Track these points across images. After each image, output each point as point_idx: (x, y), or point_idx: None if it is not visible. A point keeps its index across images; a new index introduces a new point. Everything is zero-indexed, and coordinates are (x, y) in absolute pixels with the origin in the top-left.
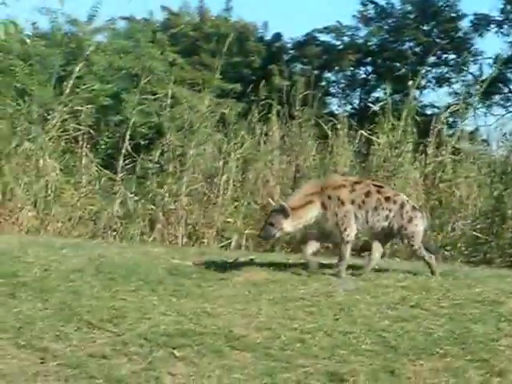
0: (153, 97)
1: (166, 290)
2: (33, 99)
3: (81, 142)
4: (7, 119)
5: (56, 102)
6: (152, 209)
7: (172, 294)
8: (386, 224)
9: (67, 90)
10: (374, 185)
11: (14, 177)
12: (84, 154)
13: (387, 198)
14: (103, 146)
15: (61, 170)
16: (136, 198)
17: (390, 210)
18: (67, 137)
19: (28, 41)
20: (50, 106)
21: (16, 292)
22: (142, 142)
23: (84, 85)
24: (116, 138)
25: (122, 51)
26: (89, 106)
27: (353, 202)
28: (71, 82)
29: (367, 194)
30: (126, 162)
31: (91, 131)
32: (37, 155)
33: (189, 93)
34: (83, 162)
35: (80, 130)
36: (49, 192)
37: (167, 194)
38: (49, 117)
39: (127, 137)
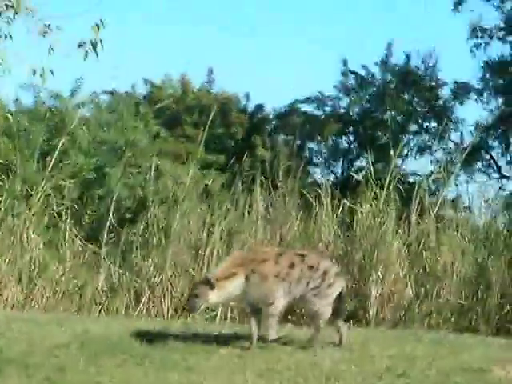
0: (137, 170)
1: (152, 363)
2: (16, 175)
3: (64, 217)
4: None
5: (40, 177)
6: (137, 281)
7: (158, 367)
8: (305, 292)
9: (51, 165)
10: (298, 254)
11: None
12: (68, 228)
13: (310, 267)
14: (87, 220)
15: (44, 244)
16: (121, 270)
17: (312, 278)
18: (51, 211)
19: (10, 117)
20: (33, 181)
21: (1, 368)
22: (127, 216)
23: (68, 159)
24: (100, 212)
25: (106, 125)
26: (72, 181)
27: (277, 275)
28: (55, 156)
29: (291, 266)
30: (111, 235)
31: (75, 205)
32: (21, 230)
33: (172, 165)
34: (67, 236)
35: (64, 204)
36: (33, 267)
37: (152, 267)
38: (32, 192)
39: (111, 210)
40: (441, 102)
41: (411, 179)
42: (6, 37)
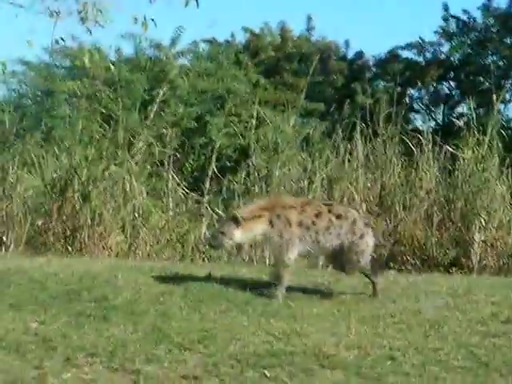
0: (237, 119)
1: (254, 310)
2: (118, 124)
3: (167, 166)
4: (94, 144)
5: (141, 127)
6: None
7: (261, 314)
8: (338, 242)
9: (152, 114)
10: (325, 204)
11: (102, 201)
12: (170, 177)
13: (338, 216)
14: (189, 169)
15: (147, 193)
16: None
17: (341, 227)
18: (153, 160)
19: (112, 67)
20: (135, 130)
21: (107, 315)
22: (228, 164)
23: (168, 108)
24: (201, 161)
25: (205, 74)
26: (174, 130)
27: (301, 224)
28: (155, 106)
29: (317, 215)
30: (212, 184)
31: (177, 154)
32: (124, 179)
33: (273, 113)
34: (169, 185)
35: (165, 153)
36: (136, 215)
37: None
38: (134, 141)
39: (213, 159)
40: None
41: None
42: None
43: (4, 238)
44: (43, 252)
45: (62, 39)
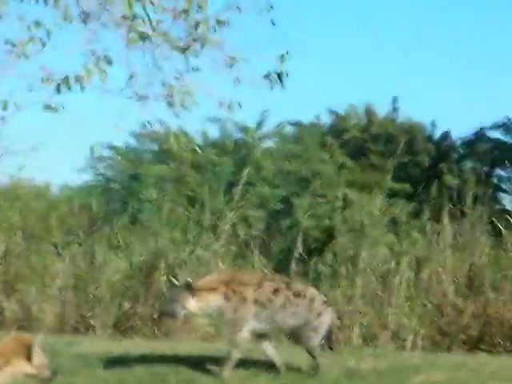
0: (323, 200)
1: None
2: (204, 207)
3: (252, 247)
4: (180, 227)
5: (226, 209)
6: None
7: None
8: (294, 321)
9: (237, 196)
10: (283, 281)
11: None
12: (256, 258)
13: (297, 294)
14: (275, 251)
15: None
16: None
17: (298, 306)
18: (238, 242)
19: (198, 150)
20: (220, 212)
21: None
22: (314, 245)
23: (253, 190)
24: (287, 242)
25: (291, 155)
26: (259, 211)
27: (256, 302)
28: (240, 187)
29: (275, 292)
30: (298, 265)
31: (263, 236)
32: (209, 262)
33: (359, 195)
34: (255, 266)
35: (251, 234)
36: None
37: (340, 297)
38: (219, 223)
39: (299, 240)
40: None
41: None
42: (193, 69)
43: (91, 321)
44: (130, 335)
45: (149, 123)
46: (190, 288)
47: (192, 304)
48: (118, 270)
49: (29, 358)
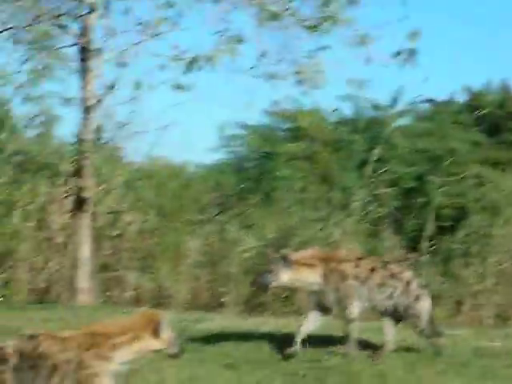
0: (457, 178)
1: (471, 372)
2: (335, 184)
3: (384, 225)
4: (311, 205)
5: (357, 186)
6: (458, 290)
7: (478, 377)
8: (391, 302)
9: (368, 174)
10: (380, 261)
11: None
12: (387, 236)
13: (393, 275)
14: (408, 229)
15: (366, 252)
16: (441, 279)
17: (394, 287)
18: (369, 220)
19: (330, 128)
20: (352, 189)
21: (321, 376)
22: (446, 224)
23: (386, 168)
24: (420, 221)
25: (425, 133)
26: (391, 189)
27: (356, 278)
28: (371, 165)
29: (372, 270)
30: (431, 243)
31: (395, 214)
32: (340, 239)
33: (493, 173)
34: (387, 244)
35: (382, 213)
36: None
37: (473, 276)
38: (350, 201)
39: (431, 219)
40: None
41: None
42: (324, 48)
43: (223, 299)
44: (261, 312)
45: (279, 102)
46: (285, 259)
47: (285, 276)
48: (250, 248)
49: (157, 333)
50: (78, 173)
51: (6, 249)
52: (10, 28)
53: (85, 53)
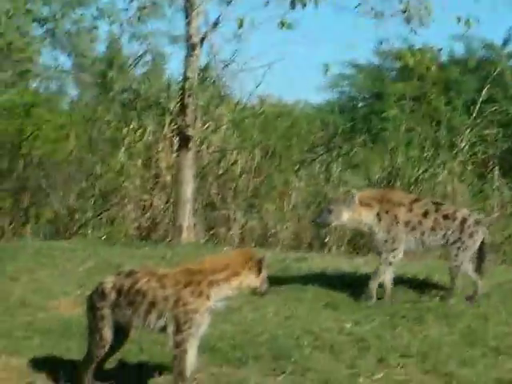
0: None
1: None
2: (442, 124)
3: (492, 167)
4: (417, 145)
5: (465, 127)
6: None
7: None
8: (444, 242)
9: (474, 114)
10: (433, 202)
11: None
12: (496, 178)
13: (446, 216)
14: None
15: (472, 194)
16: None
17: (448, 229)
18: (476, 160)
19: (434, 67)
20: (459, 130)
21: (422, 317)
22: None
23: (496, 109)
24: None
25: None
26: (501, 130)
27: (407, 224)
28: (477, 106)
29: (424, 214)
30: None
31: (503, 155)
32: (446, 180)
33: None
34: (495, 186)
35: (490, 154)
36: None
37: None
38: (457, 141)
39: None
40: None
41: None
42: None
43: (326, 239)
44: (363, 253)
45: (387, 40)
46: (350, 200)
47: (346, 216)
48: (355, 188)
49: (258, 271)
50: (183, 111)
51: (111, 186)
52: None
53: None
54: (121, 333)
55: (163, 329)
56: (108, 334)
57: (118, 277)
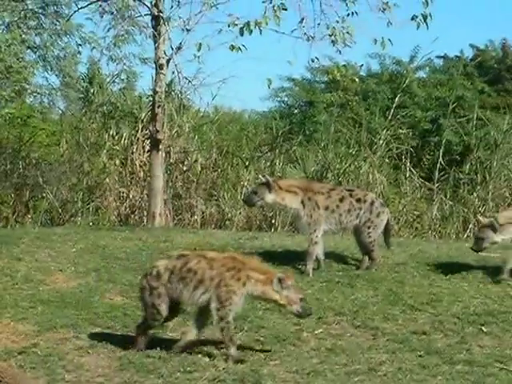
0: (464, 120)
1: (475, 277)
2: (362, 126)
3: (404, 160)
4: (343, 144)
5: (382, 128)
6: (464, 211)
7: (480, 280)
8: (357, 222)
9: (389, 118)
10: (347, 189)
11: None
12: (407, 169)
13: (358, 200)
14: (425, 163)
15: (389, 182)
16: (451, 203)
17: (360, 209)
18: (392, 155)
19: (356, 79)
20: (377, 131)
21: (352, 282)
22: (456, 158)
23: (406, 113)
24: (435, 156)
25: (439, 83)
26: (410, 130)
27: (327, 208)
28: (391, 111)
29: (341, 200)
30: (442, 174)
31: (413, 151)
32: (367, 172)
33: (495, 116)
34: (407, 175)
35: (402, 149)
36: None
37: (477, 200)
38: (375, 140)
39: (441, 154)
40: None
41: None
42: (352, 14)
43: (273, 221)
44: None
45: (316, 58)
46: (268, 184)
47: (269, 198)
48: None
49: (274, 286)
50: (153, 119)
51: (95, 182)
52: (97, 1)
53: (157, 21)
54: (173, 307)
55: (206, 304)
56: (163, 308)
57: (169, 259)
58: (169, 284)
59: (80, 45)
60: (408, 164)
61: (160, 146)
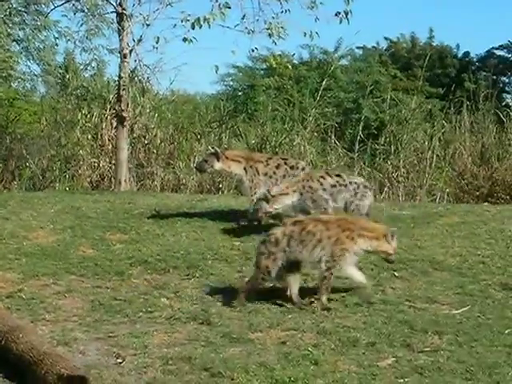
0: (379, 99)
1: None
2: (295, 105)
3: (330, 134)
4: (279, 120)
5: (311, 107)
6: (380, 176)
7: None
8: None
9: (318, 99)
10: (282, 158)
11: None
12: (333, 141)
13: (292, 167)
14: (348, 136)
15: (318, 152)
16: (369, 169)
17: (293, 175)
18: (320, 130)
19: (290, 67)
20: (307, 109)
21: None
22: (373, 132)
23: (331, 95)
24: (356, 130)
25: (359, 70)
26: (335, 109)
27: (265, 174)
28: (320, 92)
29: (277, 167)
30: (361, 145)
31: (338, 126)
32: (299, 144)
33: (404, 96)
34: (332, 146)
35: (328, 125)
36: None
37: (390, 167)
38: (306, 117)
39: (360, 128)
40: None
41: None
42: (285, 11)
43: (220, 185)
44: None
45: (256, 49)
46: (217, 154)
47: (217, 165)
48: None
49: (390, 242)
50: (119, 100)
51: (70, 154)
52: (71, 0)
53: (121, 17)
54: (293, 267)
55: (321, 259)
56: (274, 272)
57: (285, 226)
58: (287, 248)
59: (57, 38)
60: (333, 137)
61: (125, 123)
